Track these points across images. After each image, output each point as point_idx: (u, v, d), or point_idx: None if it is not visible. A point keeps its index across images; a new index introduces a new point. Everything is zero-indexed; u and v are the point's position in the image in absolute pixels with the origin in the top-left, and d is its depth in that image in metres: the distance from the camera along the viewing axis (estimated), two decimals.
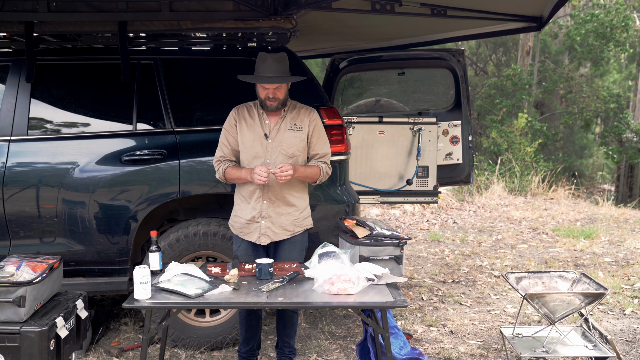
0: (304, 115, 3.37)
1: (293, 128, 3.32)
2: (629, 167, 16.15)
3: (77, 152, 3.71)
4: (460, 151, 5.51)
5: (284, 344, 3.48)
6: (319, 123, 3.41)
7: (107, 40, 3.94)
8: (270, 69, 3.22)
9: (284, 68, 3.26)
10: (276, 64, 3.23)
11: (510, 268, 6.02)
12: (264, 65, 3.23)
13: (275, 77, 3.22)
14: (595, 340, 3.37)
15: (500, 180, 11.26)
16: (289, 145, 3.30)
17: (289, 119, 3.33)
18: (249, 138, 3.31)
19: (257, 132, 3.31)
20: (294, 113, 3.36)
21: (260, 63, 3.26)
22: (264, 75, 3.22)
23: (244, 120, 3.34)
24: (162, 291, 2.78)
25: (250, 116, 3.34)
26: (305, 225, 3.44)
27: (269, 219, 3.33)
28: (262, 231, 3.34)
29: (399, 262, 3.37)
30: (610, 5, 14.68)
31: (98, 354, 3.82)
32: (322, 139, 3.41)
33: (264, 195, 3.31)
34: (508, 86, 15.30)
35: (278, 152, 3.30)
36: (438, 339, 4.16)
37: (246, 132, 3.32)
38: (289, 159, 3.30)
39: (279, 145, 3.30)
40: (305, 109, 3.40)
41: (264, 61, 3.24)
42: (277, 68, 3.23)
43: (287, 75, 3.29)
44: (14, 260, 2.98)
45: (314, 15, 4.51)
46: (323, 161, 3.39)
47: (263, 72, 3.23)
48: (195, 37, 4.19)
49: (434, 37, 5.70)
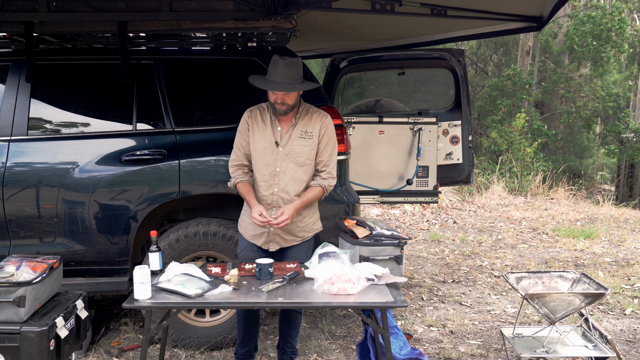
0: (316, 121, 3.27)
1: (303, 136, 3.24)
2: (630, 166, 16.14)
3: (77, 152, 3.71)
4: (460, 151, 5.51)
5: (286, 344, 3.47)
6: (330, 129, 3.31)
7: (107, 40, 3.94)
8: (279, 74, 3.14)
9: (295, 74, 3.18)
10: (287, 69, 3.15)
11: (510, 268, 6.02)
12: (274, 70, 3.16)
13: (283, 83, 3.13)
14: (596, 340, 3.37)
15: (501, 180, 11.26)
16: (298, 153, 3.24)
17: (301, 125, 3.25)
18: (261, 144, 3.25)
19: (268, 138, 3.24)
20: (306, 119, 3.27)
21: (272, 67, 3.18)
22: (273, 81, 3.15)
23: (256, 125, 3.27)
24: (162, 291, 2.78)
25: (263, 120, 3.27)
26: (315, 229, 3.42)
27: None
28: (270, 237, 3.31)
29: (399, 262, 3.36)
30: (607, 8, 14.68)
31: (98, 354, 3.82)
32: (330, 145, 3.31)
33: (273, 203, 3.27)
34: (508, 86, 15.30)
35: (289, 161, 3.24)
36: (438, 339, 4.16)
37: (258, 138, 3.26)
38: (300, 168, 3.24)
39: (289, 154, 3.23)
40: (318, 114, 3.30)
41: (275, 65, 3.16)
42: (287, 74, 3.14)
43: (299, 82, 3.20)
44: (14, 260, 2.98)
45: (314, 15, 4.51)
46: (328, 172, 3.30)
47: (273, 77, 3.16)
48: (195, 37, 4.19)
49: (434, 37, 5.70)
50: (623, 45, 14.55)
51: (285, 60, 3.16)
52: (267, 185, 3.26)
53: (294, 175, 3.24)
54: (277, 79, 3.14)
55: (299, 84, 3.20)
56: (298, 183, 3.26)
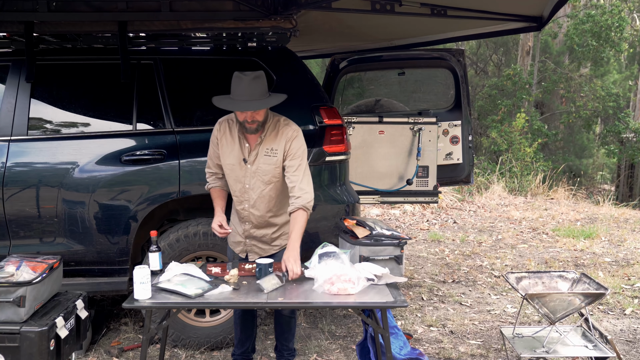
0: (281, 137, 3.13)
1: (269, 154, 3.14)
2: (630, 166, 16.14)
3: (77, 152, 3.71)
4: (460, 151, 5.51)
5: (283, 347, 3.47)
6: (295, 144, 3.14)
7: (107, 40, 3.94)
8: (245, 92, 3.00)
9: (261, 89, 3.04)
10: (252, 86, 3.00)
11: (511, 268, 6.02)
12: (240, 89, 3.01)
13: (252, 101, 2.99)
14: (596, 340, 3.37)
15: (501, 180, 11.26)
16: (264, 172, 3.16)
17: (267, 142, 3.14)
18: (229, 160, 3.19)
19: (236, 155, 3.18)
20: (272, 135, 3.14)
21: (235, 85, 3.04)
22: (240, 100, 3.00)
23: (225, 139, 3.20)
24: (162, 291, 2.78)
25: (232, 135, 3.19)
26: None
27: (254, 239, 3.32)
28: (247, 247, 3.34)
29: (399, 262, 3.36)
30: (606, 6, 14.68)
31: (98, 354, 3.82)
32: (296, 161, 3.13)
33: (245, 218, 3.28)
34: (508, 86, 15.30)
35: (256, 179, 3.18)
36: (438, 339, 4.16)
37: (226, 153, 3.19)
38: (267, 186, 3.18)
39: (256, 172, 3.17)
40: (284, 129, 3.15)
41: (238, 83, 3.02)
42: (253, 91, 3.00)
43: (266, 96, 3.06)
44: (14, 260, 2.98)
45: (314, 15, 4.51)
46: (299, 188, 3.09)
47: (239, 96, 3.01)
48: (195, 37, 4.19)
49: (434, 37, 5.70)
50: (622, 45, 14.55)
51: (248, 77, 3.02)
52: (239, 200, 3.27)
53: (261, 194, 3.20)
54: (244, 97, 3.00)
55: (267, 99, 3.06)
56: (267, 200, 3.22)
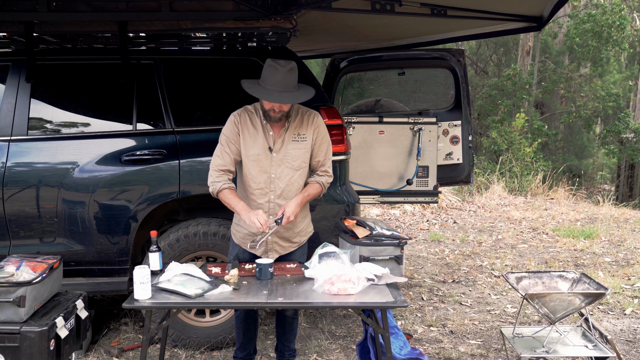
0: (307, 121, 3.15)
1: (297, 139, 3.11)
2: (629, 166, 16.14)
3: (77, 152, 3.71)
4: (460, 151, 5.51)
5: (284, 347, 3.46)
6: (322, 128, 3.20)
7: (107, 40, 3.94)
8: (280, 83, 2.95)
9: (295, 80, 3.00)
10: (287, 77, 2.96)
11: (510, 268, 6.02)
12: (275, 79, 2.95)
13: (286, 93, 2.96)
14: (596, 340, 3.37)
15: (501, 180, 11.26)
16: (293, 157, 3.12)
17: (293, 128, 3.12)
18: (253, 151, 3.10)
19: (261, 144, 3.10)
20: (297, 121, 3.13)
21: (270, 74, 2.97)
22: (274, 91, 2.95)
23: (247, 130, 3.11)
24: (162, 291, 2.78)
25: (253, 125, 3.11)
26: (309, 232, 3.38)
27: (276, 234, 3.18)
28: (269, 246, 3.23)
29: (399, 262, 3.36)
30: (607, 5, 14.68)
31: (98, 354, 3.82)
32: (325, 144, 3.20)
33: (270, 211, 3.16)
34: (508, 86, 15.30)
35: (284, 166, 3.12)
36: (438, 339, 4.16)
37: (250, 144, 3.10)
38: (295, 172, 3.13)
39: (284, 159, 3.11)
40: (308, 115, 3.17)
41: (274, 73, 2.95)
42: (287, 82, 2.96)
43: (297, 89, 3.02)
44: (14, 260, 2.98)
45: (314, 15, 4.51)
46: (324, 170, 3.21)
47: (272, 85, 2.96)
48: (195, 37, 4.19)
49: (434, 37, 5.69)
50: (623, 43, 14.54)
51: (285, 67, 2.97)
52: (263, 192, 3.15)
53: (290, 181, 3.15)
54: (278, 88, 2.96)
55: (299, 93, 3.04)
56: (295, 188, 3.17)
